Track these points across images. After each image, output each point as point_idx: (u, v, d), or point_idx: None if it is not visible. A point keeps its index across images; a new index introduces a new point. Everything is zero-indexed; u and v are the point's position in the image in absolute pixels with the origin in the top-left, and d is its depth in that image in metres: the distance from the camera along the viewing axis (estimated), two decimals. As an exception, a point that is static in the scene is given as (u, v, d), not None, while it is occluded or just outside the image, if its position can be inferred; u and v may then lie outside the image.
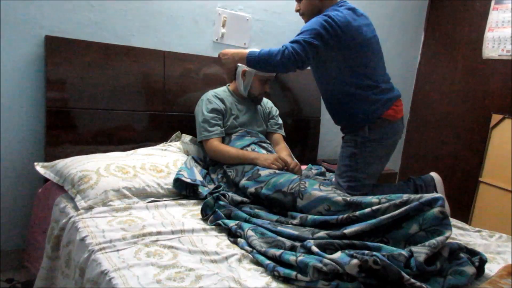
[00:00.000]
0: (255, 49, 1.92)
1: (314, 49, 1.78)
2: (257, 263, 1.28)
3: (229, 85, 2.25)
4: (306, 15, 1.97)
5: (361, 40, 1.85)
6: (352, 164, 1.92)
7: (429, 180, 2.04)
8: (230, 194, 1.70)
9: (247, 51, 1.92)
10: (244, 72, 2.10)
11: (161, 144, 2.16)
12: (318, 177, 2.17)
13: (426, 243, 1.23)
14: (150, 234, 1.38)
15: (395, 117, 1.92)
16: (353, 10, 1.87)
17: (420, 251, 1.19)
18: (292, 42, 1.79)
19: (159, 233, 1.40)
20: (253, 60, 1.88)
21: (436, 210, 1.28)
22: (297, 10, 2.01)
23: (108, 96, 2.05)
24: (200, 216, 1.60)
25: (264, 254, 1.29)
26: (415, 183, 2.03)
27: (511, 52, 2.69)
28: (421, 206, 1.30)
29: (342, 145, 2.01)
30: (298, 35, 1.80)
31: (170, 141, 2.21)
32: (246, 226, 1.45)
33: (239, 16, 2.46)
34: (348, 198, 1.47)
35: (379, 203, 1.38)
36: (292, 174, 1.77)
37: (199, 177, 1.85)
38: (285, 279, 1.19)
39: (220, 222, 1.52)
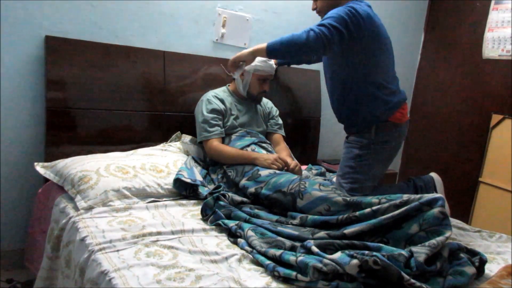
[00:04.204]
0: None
1: (339, 34, 1.73)
2: (257, 263, 1.28)
3: (228, 86, 2.25)
4: (323, 12, 1.95)
5: (381, 38, 1.85)
6: (356, 166, 1.91)
7: (429, 180, 2.04)
8: (230, 194, 1.70)
9: (264, 44, 1.84)
10: (242, 71, 2.10)
11: (161, 144, 2.16)
12: (318, 177, 2.17)
13: (426, 243, 1.23)
14: (150, 234, 1.38)
15: (401, 120, 1.91)
16: (371, 8, 1.87)
17: (420, 251, 1.19)
18: (317, 25, 1.74)
19: (159, 233, 1.40)
20: (276, 47, 1.80)
21: (436, 210, 1.28)
22: (313, 9, 2.00)
23: (108, 96, 2.05)
24: (200, 216, 1.60)
25: (264, 254, 1.29)
26: (415, 184, 2.03)
27: (511, 52, 2.69)
28: (421, 206, 1.30)
29: (345, 145, 2.00)
30: (323, 20, 1.76)
31: (170, 141, 2.21)
32: (246, 226, 1.45)
33: (239, 16, 2.46)
34: (348, 198, 1.47)
35: (379, 203, 1.38)
36: (292, 174, 1.77)
37: (199, 177, 1.85)
38: (285, 279, 1.19)
39: (220, 222, 1.52)
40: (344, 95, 1.94)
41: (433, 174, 2.07)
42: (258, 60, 2.08)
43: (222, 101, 2.11)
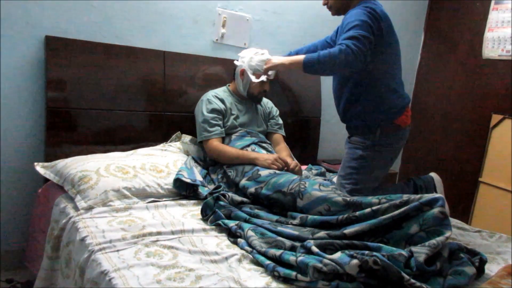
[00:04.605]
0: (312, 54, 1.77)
1: (370, 43, 1.71)
2: (257, 263, 1.28)
3: (229, 85, 2.25)
4: (334, 8, 1.95)
5: (395, 39, 1.85)
6: (358, 167, 1.91)
7: (429, 180, 2.04)
8: (230, 194, 1.70)
9: (301, 57, 1.80)
10: (243, 71, 2.10)
11: (161, 144, 2.16)
12: (318, 177, 2.17)
13: (426, 243, 1.23)
14: (150, 234, 1.38)
15: (405, 123, 1.92)
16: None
17: (420, 251, 1.19)
18: (348, 38, 1.69)
19: (159, 233, 1.40)
20: (313, 64, 1.75)
21: (436, 210, 1.28)
22: (324, 4, 1.97)
23: (108, 96, 2.05)
24: (200, 216, 1.60)
25: (264, 254, 1.29)
26: (415, 184, 2.03)
27: (511, 52, 2.69)
28: (421, 206, 1.30)
29: (347, 146, 2.00)
30: (349, 30, 1.72)
31: (170, 141, 2.21)
32: (246, 226, 1.45)
33: (239, 16, 2.46)
34: (348, 198, 1.47)
35: (379, 203, 1.38)
36: (292, 175, 1.77)
37: (199, 177, 1.85)
38: (285, 279, 1.19)
39: (220, 222, 1.52)
40: (355, 97, 1.92)
41: (433, 174, 2.07)
42: (258, 60, 2.08)
43: (222, 101, 2.11)
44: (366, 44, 1.69)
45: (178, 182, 1.78)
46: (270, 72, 2.05)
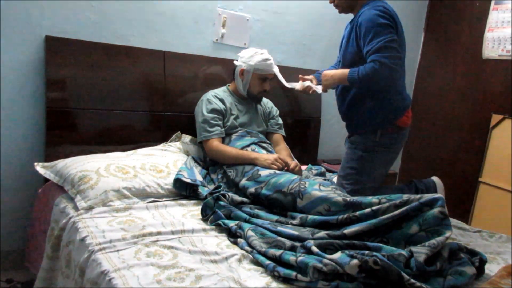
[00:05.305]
0: (354, 68, 1.79)
1: (396, 42, 1.69)
2: (257, 263, 1.28)
3: (229, 85, 2.25)
4: (341, 6, 1.94)
5: (403, 40, 1.84)
6: (359, 167, 1.91)
7: (430, 184, 2.04)
8: (230, 194, 1.70)
9: (347, 71, 1.80)
10: (242, 71, 2.10)
11: (161, 144, 2.16)
12: (318, 177, 2.17)
13: (426, 243, 1.23)
14: (150, 234, 1.38)
15: (406, 124, 1.92)
16: None
17: (420, 251, 1.19)
18: (377, 51, 1.67)
19: (159, 233, 1.40)
20: (356, 83, 1.77)
21: (436, 210, 1.28)
22: (331, 2, 1.96)
23: (108, 96, 2.05)
24: (200, 216, 1.60)
25: (264, 254, 1.29)
26: (416, 187, 2.03)
27: (511, 52, 2.69)
28: (421, 206, 1.30)
29: (348, 146, 1.99)
30: (372, 40, 1.69)
31: (170, 141, 2.21)
32: (246, 226, 1.45)
33: (239, 16, 2.46)
34: (348, 198, 1.47)
35: (379, 203, 1.38)
36: (292, 175, 1.77)
37: (199, 177, 1.85)
38: (285, 279, 1.19)
39: (220, 222, 1.52)
40: (359, 98, 1.92)
41: (435, 178, 2.07)
42: (258, 59, 2.08)
43: (222, 101, 2.11)
44: (396, 47, 1.68)
45: (178, 182, 1.78)
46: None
